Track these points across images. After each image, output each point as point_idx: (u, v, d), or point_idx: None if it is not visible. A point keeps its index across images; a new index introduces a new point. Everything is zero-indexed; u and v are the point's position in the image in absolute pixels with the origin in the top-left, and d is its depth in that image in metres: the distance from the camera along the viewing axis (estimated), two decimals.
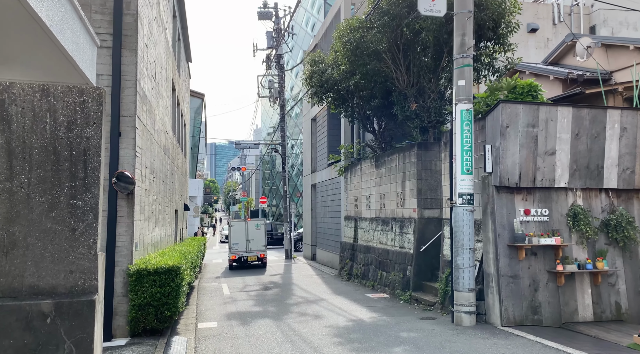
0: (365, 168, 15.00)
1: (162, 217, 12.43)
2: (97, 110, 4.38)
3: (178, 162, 17.44)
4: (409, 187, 11.81)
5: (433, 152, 11.56)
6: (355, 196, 15.91)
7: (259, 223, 20.13)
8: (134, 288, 7.75)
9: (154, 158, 10.67)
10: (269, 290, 13.57)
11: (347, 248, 16.20)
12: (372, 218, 14.25)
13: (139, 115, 8.48)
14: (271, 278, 16.55)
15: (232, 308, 10.81)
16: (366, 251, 14.39)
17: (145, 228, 9.36)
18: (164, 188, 12.90)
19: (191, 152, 39.37)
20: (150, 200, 10.02)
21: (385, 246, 13.04)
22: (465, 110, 8.26)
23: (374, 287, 13.24)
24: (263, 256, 19.81)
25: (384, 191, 13.37)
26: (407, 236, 11.75)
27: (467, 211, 8.17)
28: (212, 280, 16.43)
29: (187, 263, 9.85)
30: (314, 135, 23.01)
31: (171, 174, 14.76)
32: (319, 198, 21.61)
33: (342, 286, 14.22)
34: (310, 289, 13.67)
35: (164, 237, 12.93)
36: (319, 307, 10.65)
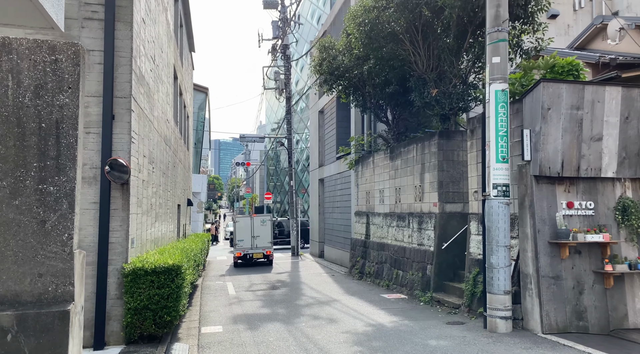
0: (378, 160, 14.06)
1: (162, 212, 11.54)
2: (74, 72, 3.47)
3: (181, 154, 16.54)
4: (429, 180, 10.87)
5: (455, 141, 10.61)
6: (367, 191, 14.98)
7: (265, 219, 19.24)
8: (129, 290, 6.85)
9: (154, 147, 9.77)
10: (277, 290, 12.67)
11: (358, 245, 15.28)
12: (386, 213, 13.32)
13: (135, 97, 7.57)
14: (278, 276, 15.66)
15: (238, 310, 9.91)
16: (379, 248, 13.47)
17: (143, 222, 8.46)
18: (165, 180, 12.00)
19: (195, 147, 38.49)
20: (149, 192, 9.12)
21: (402, 243, 12.11)
22: (500, 90, 7.30)
23: (389, 287, 12.32)
24: (269, 253, 18.92)
25: (400, 185, 12.44)
26: (427, 233, 10.81)
27: (502, 205, 7.23)
28: (217, 278, 15.55)
29: (189, 261, 8.95)
30: (321, 128, 22.08)
31: (173, 167, 13.86)
32: (326, 193, 20.70)
33: (354, 285, 13.31)
34: (320, 288, 12.76)
35: (165, 233, 12.03)
36: (333, 309, 9.73)
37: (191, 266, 9.17)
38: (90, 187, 7.06)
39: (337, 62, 13.65)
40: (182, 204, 17.77)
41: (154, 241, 9.83)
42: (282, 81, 22.73)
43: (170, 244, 11.33)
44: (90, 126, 7.10)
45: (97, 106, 7.12)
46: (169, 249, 9.37)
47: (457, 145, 10.59)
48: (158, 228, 10.51)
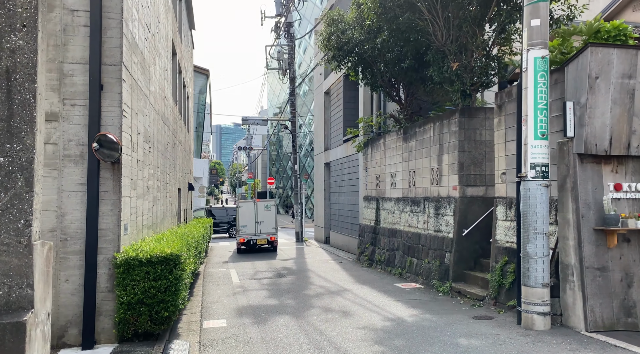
0: (389, 142, 13.17)
1: (161, 196, 10.71)
2: (30, 6, 2.61)
3: (181, 136, 15.66)
4: (448, 161, 10.00)
5: (478, 119, 9.71)
6: (376, 174, 14.12)
7: (269, 204, 18.43)
8: (121, 282, 6.04)
9: (150, 125, 8.89)
10: (283, 278, 11.89)
11: (367, 232, 14.48)
12: (398, 198, 12.48)
13: (127, 65, 6.67)
14: (284, 263, 14.89)
15: (243, 301, 9.13)
16: (391, 235, 12.67)
17: (138, 207, 7.62)
18: (164, 162, 11.15)
19: (196, 130, 37.55)
20: (145, 174, 8.27)
21: (416, 229, 11.28)
22: (540, 57, 6.39)
23: (402, 275, 11.54)
24: (274, 239, 18.16)
25: (414, 168, 11.57)
26: (445, 219, 9.98)
27: (541, 187, 6.37)
28: (220, 265, 14.80)
29: (189, 249, 8.13)
30: (327, 110, 21.13)
31: (172, 148, 12.99)
32: (332, 178, 19.85)
33: (364, 273, 12.53)
34: (329, 277, 11.99)
35: (164, 219, 11.22)
36: (345, 300, 8.95)
37: (192, 254, 8.35)
38: (77, 167, 6.21)
39: (347, 36, 12.68)
40: (183, 188, 16.95)
41: (151, 228, 9.01)
42: (286, 60, 21.72)
43: (170, 230, 10.52)
44: (76, 97, 6.22)
45: (82, 74, 6.23)
46: (167, 236, 8.55)
47: (479, 123, 9.69)
48: (156, 213, 9.69)
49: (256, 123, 22.45)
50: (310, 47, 41.99)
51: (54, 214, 6.13)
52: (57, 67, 6.19)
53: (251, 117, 22.38)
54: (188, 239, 8.72)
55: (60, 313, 6.06)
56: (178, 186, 14.72)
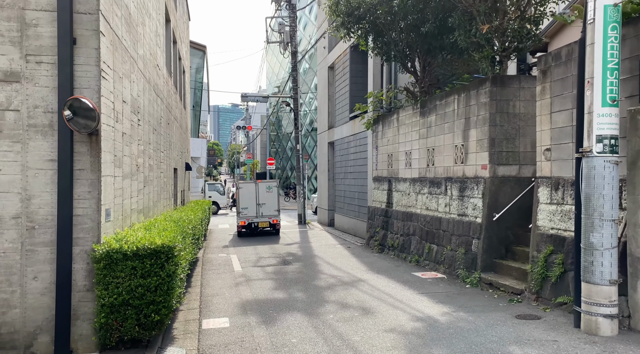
0: (404, 117, 11.97)
1: (154, 176, 9.54)
2: None
3: (176, 112, 14.41)
4: (476, 137, 8.83)
5: (511, 89, 8.52)
6: (388, 153, 12.96)
7: (271, 186, 17.30)
8: (102, 280, 4.92)
9: (139, 95, 7.67)
10: (289, 265, 10.82)
11: (378, 215, 13.39)
12: (414, 178, 11.34)
13: (107, 16, 5.42)
14: (288, 248, 13.83)
15: (247, 293, 8.06)
16: (406, 218, 11.57)
17: (125, 188, 6.46)
18: (157, 139, 9.95)
19: (193, 109, 36.17)
20: (133, 150, 7.09)
21: (435, 213, 10.18)
22: (611, 5, 5.18)
23: (419, 263, 10.49)
24: (276, 222, 17.08)
25: (434, 145, 10.40)
26: (472, 201, 8.86)
27: (610, 164, 5.23)
28: (219, 250, 13.73)
29: (186, 237, 6.99)
30: (332, 86, 19.84)
31: (167, 124, 11.77)
32: (337, 157, 18.68)
33: (377, 260, 11.47)
34: (338, 264, 10.93)
35: (158, 201, 10.07)
36: (362, 293, 7.88)
37: (189, 243, 7.20)
38: (45, 139, 5.02)
39: (357, 0, 11.36)
40: (180, 168, 15.77)
41: (142, 212, 7.87)
42: (287, 33, 20.32)
43: (164, 214, 9.38)
44: (42, 53, 4.99)
45: (50, 25, 4.99)
46: (161, 221, 7.42)
47: (513, 93, 8.50)
48: (148, 195, 8.54)
49: (256, 100, 21.17)
50: (311, 23, 40.36)
51: (17, 197, 4.96)
52: (18, 14, 4.95)
53: (251, 94, 21.08)
54: (184, 225, 7.58)
55: (28, 317, 4.94)
56: (174, 165, 13.54)
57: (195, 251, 9.48)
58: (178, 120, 15.08)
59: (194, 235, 8.76)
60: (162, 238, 5.27)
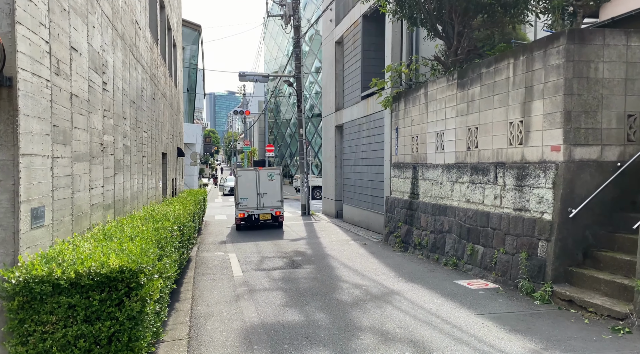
0: (435, 92, 9.93)
1: (133, 160, 7.49)
2: None
3: (165, 87, 12.29)
4: (543, 110, 6.82)
5: (593, 47, 6.48)
6: (413, 135, 10.94)
7: (274, 173, 15.26)
8: (18, 328, 2.92)
9: (106, 50, 5.59)
10: (299, 269, 8.85)
11: (399, 207, 11.41)
12: (448, 164, 9.35)
13: None
14: (294, 245, 11.85)
15: (251, 313, 6.08)
16: (437, 212, 9.59)
17: (78, 175, 4.42)
18: (138, 115, 7.88)
19: (187, 93, 33.90)
20: (95, 123, 5.03)
21: (480, 206, 8.21)
22: None
23: (458, 267, 8.54)
24: (279, 214, 15.08)
25: (477, 123, 8.39)
26: (536, 192, 6.88)
27: None
28: (216, 247, 11.74)
29: (165, 247, 4.92)
30: (339, 63, 17.71)
31: (152, 99, 9.68)
32: (346, 142, 16.64)
33: (402, 261, 9.52)
34: (358, 266, 8.98)
35: (141, 192, 8.05)
36: (402, 314, 5.92)
37: (173, 258, 5.10)
38: None
39: None
40: (170, 154, 13.69)
41: (112, 208, 5.83)
42: (290, 5, 18.12)
43: (147, 209, 7.35)
44: None
45: None
46: (135, 222, 5.39)
47: (595, 53, 6.47)
48: (122, 185, 6.50)
49: (255, 79, 18.99)
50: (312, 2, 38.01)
51: None
52: None
53: (249, 73, 18.91)
54: (166, 227, 5.52)
55: None
56: (162, 149, 11.47)
57: (185, 255, 7.48)
58: (167, 98, 12.97)
59: (181, 240, 6.71)
60: (122, 255, 3.25)
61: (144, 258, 3.28)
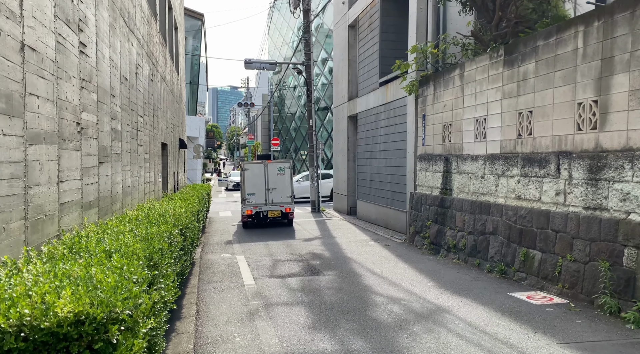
0: (472, 72, 8.59)
1: (126, 148, 6.18)
2: None
3: (165, 71, 10.96)
4: (628, 86, 5.47)
5: None
6: (445, 123, 9.61)
7: (283, 167, 13.94)
8: None
9: (87, 5, 4.27)
10: (319, 276, 7.55)
11: (428, 204, 10.09)
12: (491, 155, 8.02)
13: None
14: (308, 245, 10.56)
15: (271, 339, 4.77)
16: (478, 210, 8.28)
17: (38, 163, 3.10)
18: (132, 95, 6.56)
19: (190, 85, 32.52)
20: (67, 93, 3.70)
21: (537, 204, 6.88)
22: None
23: (507, 274, 7.23)
24: (289, 211, 13.78)
25: (532, 105, 7.05)
26: (618, 187, 5.55)
27: None
28: (222, 248, 10.45)
29: (162, 263, 3.55)
30: (353, 48, 16.34)
31: (150, 80, 8.35)
32: (361, 134, 15.31)
33: (437, 267, 8.21)
34: (387, 273, 7.68)
35: (135, 187, 6.75)
36: (464, 342, 4.61)
37: (171, 278, 3.69)
38: None
39: None
40: (171, 145, 12.37)
41: (95, 206, 4.52)
42: None
43: (142, 208, 6.04)
44: None
45: None
46: (121, 227, 4.06)
47: None
48: (109, 177, 5.18)
49: (262, 67, 17.62)
50: None
51: None
52: None
53: (256, 60, 17.54)
54: (163, 233, 4.17)
55: None
56: (162, 139, 10.16)
57: (188, 260, 6.18)
58: (168, 84, 11.63)
59: (184, 242, 5.39)
60: (85, 290, 1.93)
61: (119, 296, 1.96)
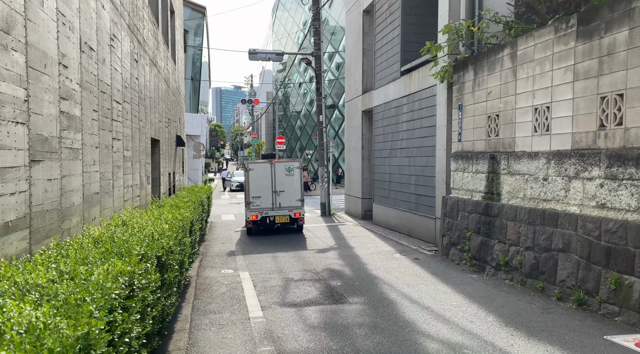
0: (529, 50, 6.90)
1: (91, 142, 4.52)
2: None
3: (157, 55, 9.30)
4: None
5: None
6: (490, 114, 7.93)
7: (292, 167, 12.29)
8: None
9: None
10: (344, 304, 5.88)
11: (467, 211, 8.41)
12: (558, 151, 6.33)
13: None
14: (324, 258, 8.90)
15: None
16: (540, 220, 6.59)
17: None
18: (101, 72, 4.90)
19: (192, 81, 30.90)
20: None
21: (635, 216, 5.20)
22: None
23: (588, 304, 5.55)
24: (298, 215, 12.13)
25: (621, 87, 5.36)
26: None
27: None
28: (223, 261, 8.80)
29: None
30: (368, 36, 14.66)
31: (134, 60, 6.70)
32: (378, 130, 13.63)
33: (486, 289, 6.54)
34: (429, 300, 6.00)
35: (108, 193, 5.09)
36: None
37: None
38: None
39: None
40: (166, 141, 10.72)
41: (26, 227, 2.86)
42: None
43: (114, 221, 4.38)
44: None
45: None
46: (44, 274, 2.41)
47: None
48: (60, 182, 3.51)
49: (268, 58, 15.98)
50: None
51: None
52: None
53: (260, 50, 15.91)
54: (114, 291, 2.47)
55: None
56: (153, 134, 8.50)
57: (171, 306, 4.50)
58: (161, 71, 9.97)
59: (163, 288, 3.69)
60: None
61: None
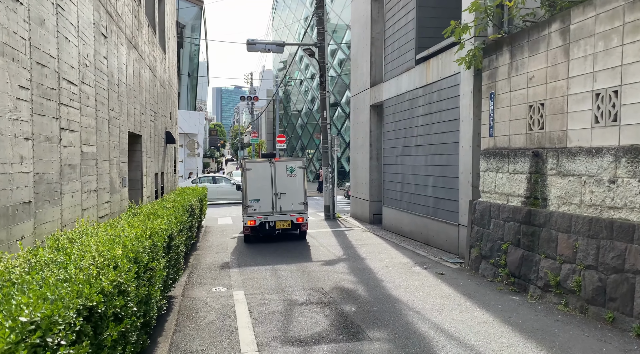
0: (589, 22, 5.55)
1: (13, 132, 3.12)
2: None
3: (139, 37, 7.92)
4: None
5: None
6: (533, 103, 6.58)
7: (294, 166, 10.93)
8: None
9: None
10: (363, 341, 4.52)
11: (502, 219, 7.06)
12: (631, 147, 4.98)
13: None
14: (332, 272, 7.54)
15: None
16: (606, 233, 5.23)
17: None
18: (40, 37, 3.50)
19: (189, 78, 29.55)
20: None
21: None
22: None
23: None
24: (301, 220, 10.79)
25: None
26: None
27: None
28: (214, 276, 7.45)
29: None
30: (377, 23, 13.31)
31: (101, 34, 5.36)
32: (388, 126, 12.28)
33: (538, 318, 5.19)
34: (468, 333, 4.65)
35: (50, 202, 3.71)
36: None
37: None
38: None
39: None
40: (150, 137, 9.36)
41: None
42: None
43: (51, 245, 3.01)
44: None
45: None
46: None
47: None
48: None
49: (267, 49, 14.62)
50: None
51: None
52: None
53: (260, 40, 14.57)
54: None
55: None
56: (130, 127, 7.12)
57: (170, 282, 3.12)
58: (145, 58, 8.61)
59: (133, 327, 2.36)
60: None
61: None
